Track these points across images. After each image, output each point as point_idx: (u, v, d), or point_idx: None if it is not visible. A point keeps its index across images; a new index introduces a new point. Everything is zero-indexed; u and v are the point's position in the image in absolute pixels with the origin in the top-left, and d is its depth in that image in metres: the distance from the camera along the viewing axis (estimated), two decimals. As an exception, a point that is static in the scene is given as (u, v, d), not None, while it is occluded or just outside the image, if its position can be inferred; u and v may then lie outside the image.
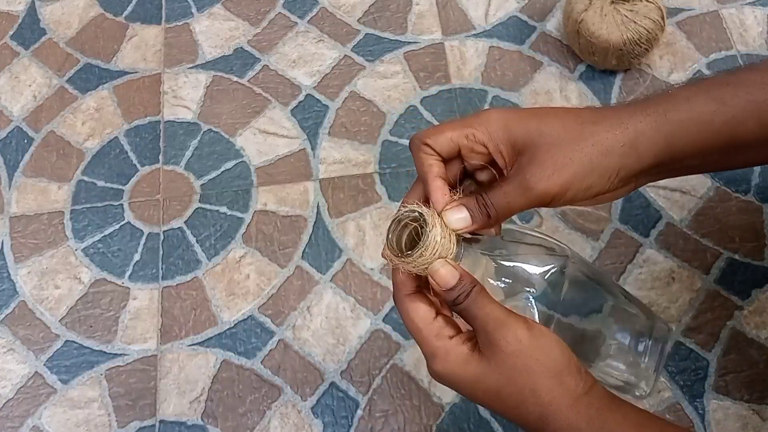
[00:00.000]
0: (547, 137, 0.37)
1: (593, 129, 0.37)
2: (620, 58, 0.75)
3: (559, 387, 0.37)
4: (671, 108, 0.38)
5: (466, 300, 0.38)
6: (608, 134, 0.37)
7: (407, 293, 0.39)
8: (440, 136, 0.39)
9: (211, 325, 0.69)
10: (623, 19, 0.73)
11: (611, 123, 0.37)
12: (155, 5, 0.88)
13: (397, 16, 0.84)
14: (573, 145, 0.37)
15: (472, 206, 0.38)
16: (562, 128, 0.37)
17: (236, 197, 0.75)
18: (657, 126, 0.37)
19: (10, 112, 0.82)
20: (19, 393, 0.67)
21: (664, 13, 0.74)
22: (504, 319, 0.37)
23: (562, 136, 0.37)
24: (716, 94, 0.38)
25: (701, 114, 0.38)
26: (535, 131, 0.37)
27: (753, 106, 0.38)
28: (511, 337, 0.37)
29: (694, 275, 0.67)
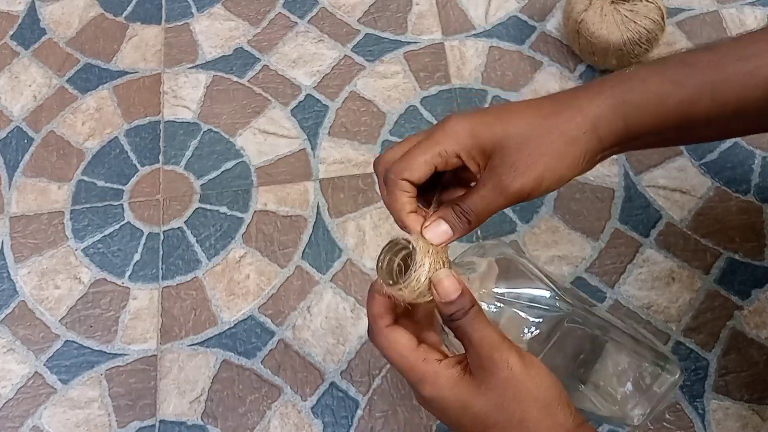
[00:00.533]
0: (514, 137, 0.38)
1: (556, 121, 0.38)
2: (620, 58, 0.75)
3: (548, 419, 0.36)
4: (627, 90, 0.39)
5: (464, 317, 0.37)
6: (570, 124, 0.38)
7: (386, 325, 0.39)
8: (415, 165, 0.38)
9: (211, 325, 0.69)
10: (623, 19, 0.73)
11: (572, 112, 0.38)
12: (155, 5, 0.88)
13: (397, 16, 0.84)
14: (539, 140, 0.38)
15: (451, 217, 0.39)
16: (527, 125, 0.38)
17: (236, 197, 0.75)
18: (614, 108, 0.38)
19: (10, 112, 0.82)
20: (19, 393, 0.67)
21: (664, 13, 0.74)
22: (498, 343, 0.37)
23: (528, 133, 0.38)
24: (671, 75, 0.39)
25: (656, 95, 0.39)
26: (502, 133, 0.38)
27: (707, 87, 0.38)
28: (502, 364, 0.36)
29: (694, 275, 0.67)
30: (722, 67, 0.39)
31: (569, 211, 0.71)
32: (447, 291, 0.37)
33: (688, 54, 0.40)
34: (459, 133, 0.38)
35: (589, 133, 0.38)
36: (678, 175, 0.72)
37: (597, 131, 0.38)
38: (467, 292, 0.38)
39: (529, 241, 0.70)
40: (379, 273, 0.38)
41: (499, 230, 0.71)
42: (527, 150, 0.38)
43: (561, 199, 0.72)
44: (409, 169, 0.38)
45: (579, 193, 0.72)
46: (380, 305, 0.39)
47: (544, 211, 0.71)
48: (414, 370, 0.38)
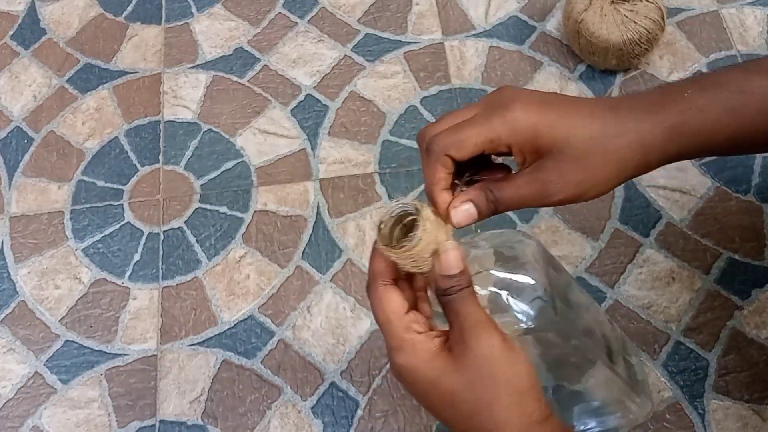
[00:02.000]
0: (573, 149, 0.37)
1: (617, 144, 0.38)
2: (620, 58, 0.75)
3: (517, 407, 0.36)
4: (688, 120, 0.39)
5: (457, 293, 0.37)
6: (629, 151, 0.38)
7: (383, 283, 0.39)
8: (463, 145, 0.38)
9: (211, 325, 0.69)
10: (623, 19, 0.73)
11: (632, 138, 0.38)
12: (155, 5, 0.88)
13: (397, 16, 0.84)
14: (596, 160, 0.38)
15: (481, 202, 0.39)
16: (589, 141, 0.38)
17: (236, 197, 0.75)
18: (671, 138, 0.39)
19: (10, 112, 0.82)
20: (19, 393, 0.67)
21: (664, 13, 0.74)
22: (485, 322, 0.37)
23: (587, 149, 0.38)
24: (731, 105, 0.39)
25: (713, 126, 0.39)
26: (563, 141, 0.37)
27: (763, 117, 0.39)
28: (485, 341, 0.36)
29: (694, 275, 0.67)
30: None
31: (569, 210, 0.71)
32: (450, 264, 0.37)
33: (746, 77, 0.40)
34: (520, 127, 0.38)
35: (641, 160, 0.39)
36: (678, 175, 0.72)
37: (648, 157, 0.39)
38: (467, 271, 0.37)
39: (529, 241, 0.70)
40: (379, 233, 0.38)
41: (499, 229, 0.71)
42: (582, 166, 0.38)
43: (561, 199, 0.72)
44: (456, 147, 0.38)
45: (579, 193, 0.72)
46: (382, 262, 0.38)
47: (544, 211, 0.71)
48: (394, 336, 0.37)
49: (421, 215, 0.37)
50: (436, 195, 0.39)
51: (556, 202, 0.38)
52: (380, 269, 0.39)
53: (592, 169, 0.38)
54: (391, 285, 0.39)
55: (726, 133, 0.39)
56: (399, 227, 0.38)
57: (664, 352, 0.64)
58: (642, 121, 0.39)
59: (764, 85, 0.39)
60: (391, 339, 0.38)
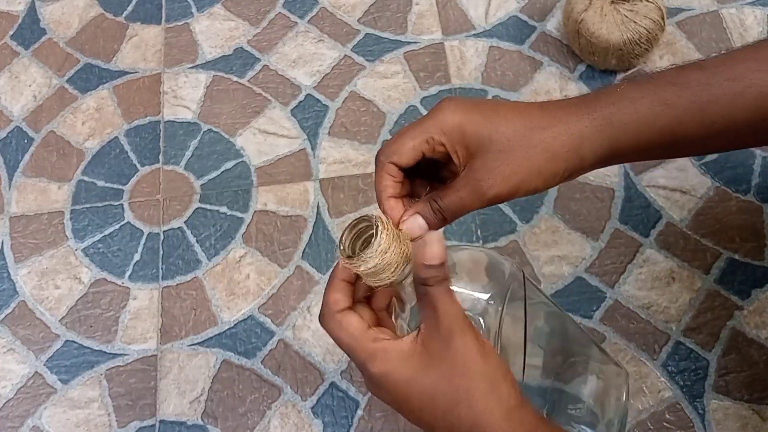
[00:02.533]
0: (498, 144, 0.39)
1: (541, 135, 0.39)
2: (620, 58, 0.75)
3: (494, 394, 0.37)
4: (616, 111, 0.39)
5: (437, 285, 0.37)
6: (555, 141, 0.39)
7: (338, 310, 0.39)
8: (402, 149, 0.40)
9: (211, 325, 0.69)
10: (623, 19, 0.73)
11: (559, 129, 0.39)
12: (155, 5, 0.88)
13: (397, 16, 0.84)
14: (522, 153, 0.39)
15: (427, 213, 0.40)
16: (513, 134, 0.39)
17: (236, 197, 0.75)
18: (600, 129, 0.39)
19: (10, 112, 0.82)
20: (19, 393, 0.67)
21: (664, 13, 0.74)
22: (461, 318, 0.37)
23: (512, 143, 0.39)
24: (661, 96, 0.40)
25: (645, 116, 0.39)
26: (487, 138, 0.39)
27: (696, 108, 0.39)
28: (459, 338, 0.37)
29: (694, 275, 0.67)
30: (711, 87, 0.39)
31: (569, 211, 0.71)
32: (433, 254, 0.37)
33: (679, 72, 0.41)
34: (448, 124, 0.39)
35: (571, 152, 0.39)
36: (678, 175, 0.72)
37: (580, 151, 0.39)
38: (446, 265, 0.38)
39: (529, 241, 0.70)
40: (340, 246, 0.39)
41: (499, 230, 0.71)
42: (508, 159, 0.39)
43: (561, 199, 0.72)
44: (396, 152, 0.40)
45: (579, 193, 0.72)
46: (337, 290, 0.39)
47: (544, 211, 0.71)
48: (364, 350, 0.38)
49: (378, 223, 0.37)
50: (383, 201, 0.40)
51: (492, 198, 0.39)
52: (335, 299, 0.39)
53: (518, 162, 0.39)
54: (348, 310, 0.39)
55: (659, 126, 0.39)
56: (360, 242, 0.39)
57: (664, 352, 0.64)
58: (570, 113, 0.40)
59: (698, 77, 0.40)
60: (361, 353, 0.38)
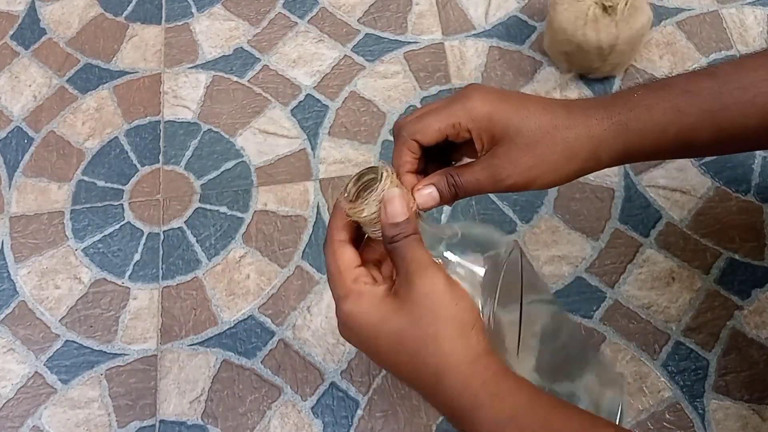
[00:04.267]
0: (523, 137, 0.40)
1: (564, 135, 0.41)
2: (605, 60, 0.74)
3: (461, 339, 0.37)
4: (633, 117, 0.41)
5: (403, 240, 0.38)
6: (576, 141, 0.41)
7: (339, 239, 0.40)
8: (427, 129, 0.41)
9: (211, 325, 0.69)
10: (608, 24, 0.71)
11: (580, 130, 0.41)
12: (155, 5, 0.88)
13: (397, 16, 0.84)
14: (544, 148, 0.40)
15: (442, 185, 0.41)
16: (538, 130, 0.41)
17: (236, 197, 0.75)
18: (617, 134, 0.41)
19: (10, 112, 0.82)
20: (19, 393, 0.67)
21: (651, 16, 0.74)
22: (427, 264, 0.38)
23: (537, 139, 0.40)
24: (675, 103, 0.41)
25: (659, 123, 0.41)
26: (514, 129, 0.41)
27: (708, 115, 0.41)
28: (428, 280, 0.37)
29: (694, 275, 0.67)
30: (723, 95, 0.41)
31: (569, 211, 0.71)
32: (395, 212, 0.38)
33: (690, 79, 0.42)
34: (477, 112, 0.41)
35: (589, 153, 0.41)
36: (678, 175, 0.72)
37: (597, 152, 0.41)
38: (413, 219, 0.39)
39: (529, 241, 0.70)
40: (345, 192, 0.40)
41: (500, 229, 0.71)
42: (531, 153, 0.40)
43: (561, 199, 0.72)
44: (421, 131, 0.41)
45: (579, 193, 0.72)
46: (341, 220, 0.40)
47: (544, 211, 0.71)
48: (342, 286, 0.39)
49: (382, 173, 0.39)
50: (402, 176, 0.42)
51: (508, 186, 0.41)
52: (338, 227, 0.40)
53: (540, 156, 0.40)
54: (346, 242, 0.41)
55: (672, 132, 0.41)
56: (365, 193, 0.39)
57: (664, 352, 0.64)
58: (591, 116, 0.41)
59: (709, 86, 0.41)
60: (339, 289, 0.39)
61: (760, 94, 0.41)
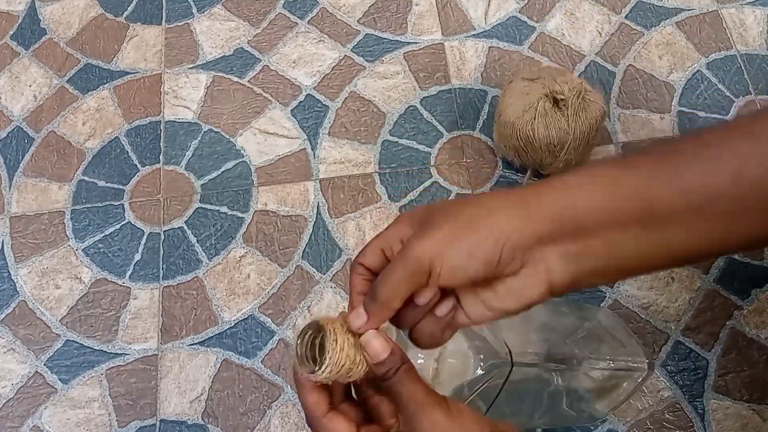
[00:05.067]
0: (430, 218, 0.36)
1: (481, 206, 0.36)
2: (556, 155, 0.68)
3: None
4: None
5: (394, 376, 0.37)
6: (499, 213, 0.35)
7: (323, 414, 0.38)
8: (367, 250, 0.38)
9: (212, 325, 0.69)
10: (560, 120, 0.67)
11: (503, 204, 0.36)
12: (156, 6, 0.88)
13: (397, 17, 0.84)
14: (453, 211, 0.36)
15: (369, 305, 0.37)
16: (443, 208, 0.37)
17: (237, 197, 0.75)
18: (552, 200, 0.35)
19: (11, 112, 0.82)
20: (20, 393, 0.67)
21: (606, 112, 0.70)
22: (422, 400, 0.37)
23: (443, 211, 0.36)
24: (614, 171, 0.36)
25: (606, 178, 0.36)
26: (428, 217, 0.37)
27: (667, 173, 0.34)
28: (427, 421, 0.36)
29: (693, 275, 0.67)
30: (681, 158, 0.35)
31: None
32: (376, 352, 0.37)
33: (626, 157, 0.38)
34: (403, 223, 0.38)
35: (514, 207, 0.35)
36: (678, 175, 0.72)
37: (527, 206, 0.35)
38: (397, 350, 0.37)
39: (529, 241, 0.70)
40: (298, 359, 0.38)
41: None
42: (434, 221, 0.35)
43: (561, 199, 0.72)
44: (362, 253, 0.39)
45: (579, 193, 0.72)
46: (313, 393, 0.38)
47: (544, 211, 0.71)
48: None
49: (327, 329, 0.37)
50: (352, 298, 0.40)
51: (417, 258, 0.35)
52: (314, 401, 0.38)
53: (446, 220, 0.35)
54: (332, 412, 0.39)
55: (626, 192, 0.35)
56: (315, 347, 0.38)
57: (664, 352, 0.65)
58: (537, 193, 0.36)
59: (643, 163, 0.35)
60: None
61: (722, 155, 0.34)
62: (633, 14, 0.82)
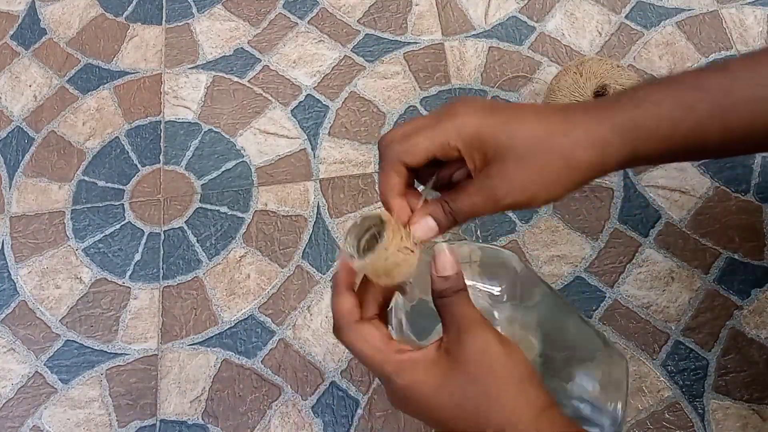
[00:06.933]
0: (517, 150, 0.37)
1: (561, 141, 0.37)
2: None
3: (523, 396, 0.36)
4: (640, 114, 0.38)
5: (453, 296, 0.37)
6: (576, 147, 0.37)
7: (355, 320, 0.38)
8: (415, 150, 0.38)
9: (212, 325, 0.69)
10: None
11: (579, 135, 0.37)
12: (156, 6, 0.88)
13: (397, 17, 0.84)
14: (541, 161, 0.37)
15: (439, 215, 0.39)
16: (532, 139, 0.37)
17: (237, 197, 0.75)
18: (623, 134, 0.38)
19: (11, 112, 0.82)
20: (20, 393, 0.67)
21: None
22: (479, 321, 0.37)
23: (532, 150, 0.37)
24: (684, 100, 0.38)
25: (668, 120, 0.38)
26: (506, 144, 0.37)
27: (718, 112, 0.38)
28: (481, 338, 0.36)
29: (693, 275, 0.67)
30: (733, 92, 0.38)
31: (569, 210, 0.71)
32: (445, 266, 0.37)
33: (701, 75, 0.40)
34: (465, 130, 0.38)
35: (593, 158, 0.37)
36: (677, 175, 0.72)
37: (603, 156, 0.37)
38: (461, 273, 0.38)
39: (528, 241, 0.70)
40: (346, 245, 0.38)
41: (499, 230, 0.71)
42: (526, 168, 0.37)
43: (561, 199, 0.72)
44: (408, 153, 0.38)
45: (578, 193, 0.72)
46: (347, 301, 0.38)
47: (544, 211, 0.72)
48: (389, 362, 0.37)
49: (385, 222, 0.37)
50: (389, 201, 0.39)
51: (507, 205, 0.38)
52: (348, 307, 0.38)
53: (537, 170, 0.37)
54: (364, 321, 0.39)
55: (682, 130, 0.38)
56: (364, 242, 0.38)
57: (664, 352, 0.65)
58: (592, 118, 0.38)
59: (718, 82, 0.39)
60: (387, 366, 0.37)
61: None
62: (633, 14, 0.82)
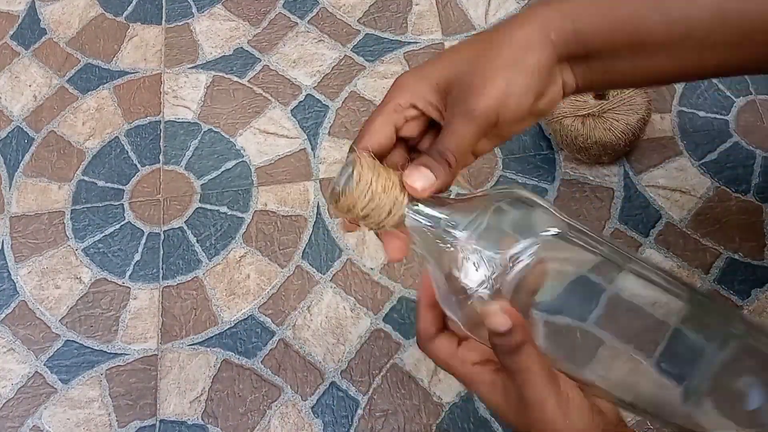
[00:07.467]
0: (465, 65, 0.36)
1: (505, 31, 0.37)
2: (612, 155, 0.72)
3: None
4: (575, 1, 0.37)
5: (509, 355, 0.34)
6: (520, 31, 0.37)
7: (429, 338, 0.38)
8: (371, 129, 0.37)
9: (212, 325, 0.69)
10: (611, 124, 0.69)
11: (520, 20, 0.37)
12: (156, 5, 0.88)
13: (397, 16, 0.84)
14: (492, 54, 0.36)
15: (430, 162, 0.36)
16: (474, 52, 0.37)
17: (236, 197, 0.75)
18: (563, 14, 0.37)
19: (11, 112, 0.82)
20: (20, 393, 0.67)
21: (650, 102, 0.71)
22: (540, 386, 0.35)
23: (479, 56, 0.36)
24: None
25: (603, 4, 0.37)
26: (451, 69, 0.37)
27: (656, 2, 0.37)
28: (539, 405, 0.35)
29: (693, 275, 0.67)
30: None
31: (569, 211, 0.71)
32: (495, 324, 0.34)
33: None
34: (409, 83, 0.37)
35: (540, 38, 0.36)
36: (678, 174, 0.72)
37: (548, 36, 0.36)
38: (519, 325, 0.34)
39: (529, 241, 0.70)
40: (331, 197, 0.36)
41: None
42: (482, 67, 0.36)
43: (561, 199, 0.72)
44: (367, 134, 0.37)
45: (579, 193, 0.72)
46: (423, 319, 0.38)
47: (544, 211, 0.72)
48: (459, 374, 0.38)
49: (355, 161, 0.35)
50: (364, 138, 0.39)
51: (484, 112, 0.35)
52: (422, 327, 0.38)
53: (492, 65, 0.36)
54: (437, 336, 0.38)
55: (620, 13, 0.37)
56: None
57: (664, 352, 0.65)
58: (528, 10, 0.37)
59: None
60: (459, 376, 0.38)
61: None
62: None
